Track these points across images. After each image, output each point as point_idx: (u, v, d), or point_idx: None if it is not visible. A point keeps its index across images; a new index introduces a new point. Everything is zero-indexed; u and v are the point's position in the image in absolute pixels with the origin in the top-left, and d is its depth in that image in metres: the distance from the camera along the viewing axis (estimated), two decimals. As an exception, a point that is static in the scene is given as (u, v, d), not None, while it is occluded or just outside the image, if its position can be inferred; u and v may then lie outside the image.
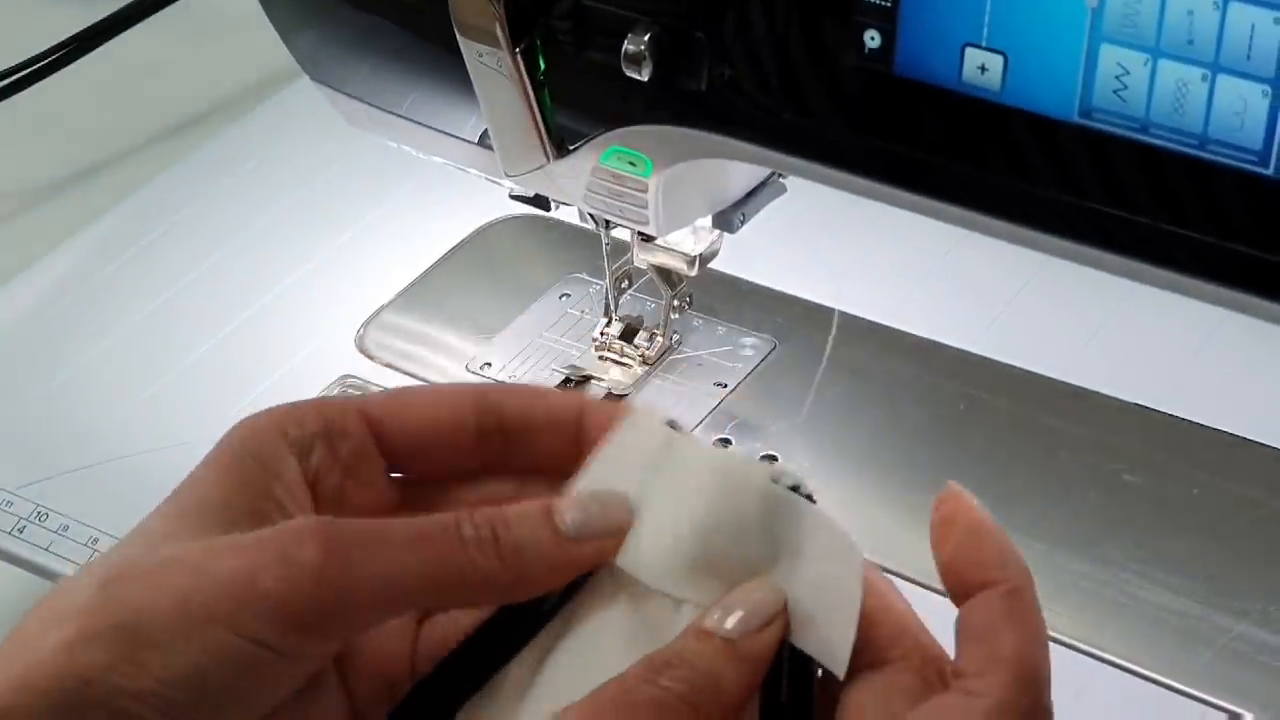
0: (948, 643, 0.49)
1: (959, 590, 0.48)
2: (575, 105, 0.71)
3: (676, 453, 0.49)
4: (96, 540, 0.80)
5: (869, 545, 0.75)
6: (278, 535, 0.46)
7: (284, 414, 0.50)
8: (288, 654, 0.46)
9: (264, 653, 0.45)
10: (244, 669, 0.45)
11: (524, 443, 0.51)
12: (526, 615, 0.49)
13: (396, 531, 0.47)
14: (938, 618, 0.72)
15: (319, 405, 0.50)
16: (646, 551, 0.49)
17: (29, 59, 1.13)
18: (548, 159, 0.73)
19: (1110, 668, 0.71)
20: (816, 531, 0.47)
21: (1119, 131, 0.57)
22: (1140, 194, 0.58)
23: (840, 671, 0.46)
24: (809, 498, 0.48)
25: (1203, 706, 0.69)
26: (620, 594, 0.49)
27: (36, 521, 0.82)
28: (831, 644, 0.46)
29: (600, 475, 0.50)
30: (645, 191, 0.73)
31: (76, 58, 1.14)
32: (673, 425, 0.50)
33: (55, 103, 1.16)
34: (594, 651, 0.48)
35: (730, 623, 0.47)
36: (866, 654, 0.47)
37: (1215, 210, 0.57)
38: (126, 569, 0.46)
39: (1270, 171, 0.55)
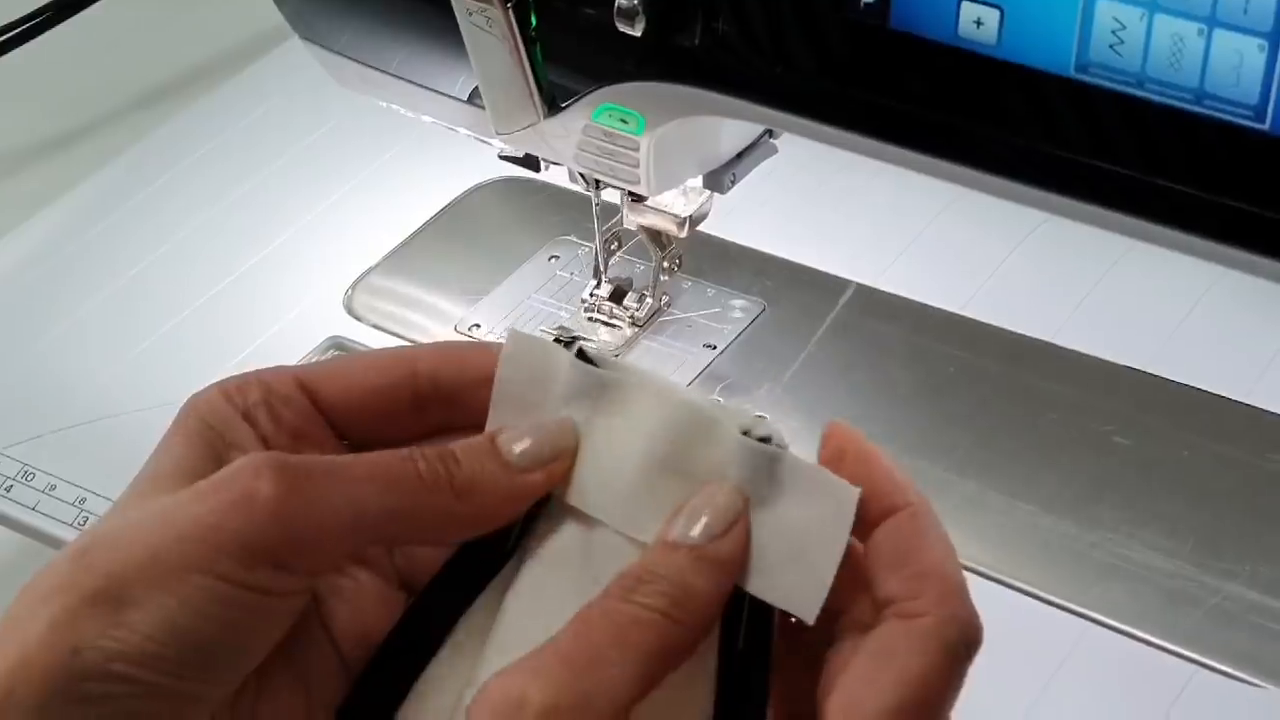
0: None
1: (861, 521, 0.47)
2: (567, 62, 0.71)
3: (623, 390, 0.49)
4: (84, 500, 0.80)
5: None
6: (235, 474, 0.46)
7: (229, 386, 0.50)
8: (261, 589, 0.46)
9: (240, 593, 0.45)
10: (226, 612, 0.45)
11: (461, 403, 0.51)
12: (483, 559, 0.50)
13: (353, 464, 0.47)
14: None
15: (257, 375, 0.50)
16: (607, 493, 0.48)
17: (13, 21, 1.12)
18: (539, 117, 0.73)
19: (1099, 628, 0.71)
20: (794, 479, 0.47)
21: (1115, 86, 0.57)
22: (1136, 149, 0.58)
23: (810, 618, 0.46)
24: (780, 447, 0.47)
25: (1192, 666, 0.69)
26: (578, 537, 0.49)
27: (24, 481, 0.82)
28: (803, 593, 0.46)
29: (509, 408, 0.50)
30: (636, 150, 0.73)
31: (61, 19, 1.13)
32: (573, 345, 0.50)
33: (39, 66, 1.16)
34: (556, 593, 0.48)
35: (695, 530, 0.46)
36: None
37: (1211, 166, 0.57)
38: (98, 537, 0.46)
39: (1266, 126, 0.55)
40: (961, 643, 0.45)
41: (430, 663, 0.49)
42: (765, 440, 0.47)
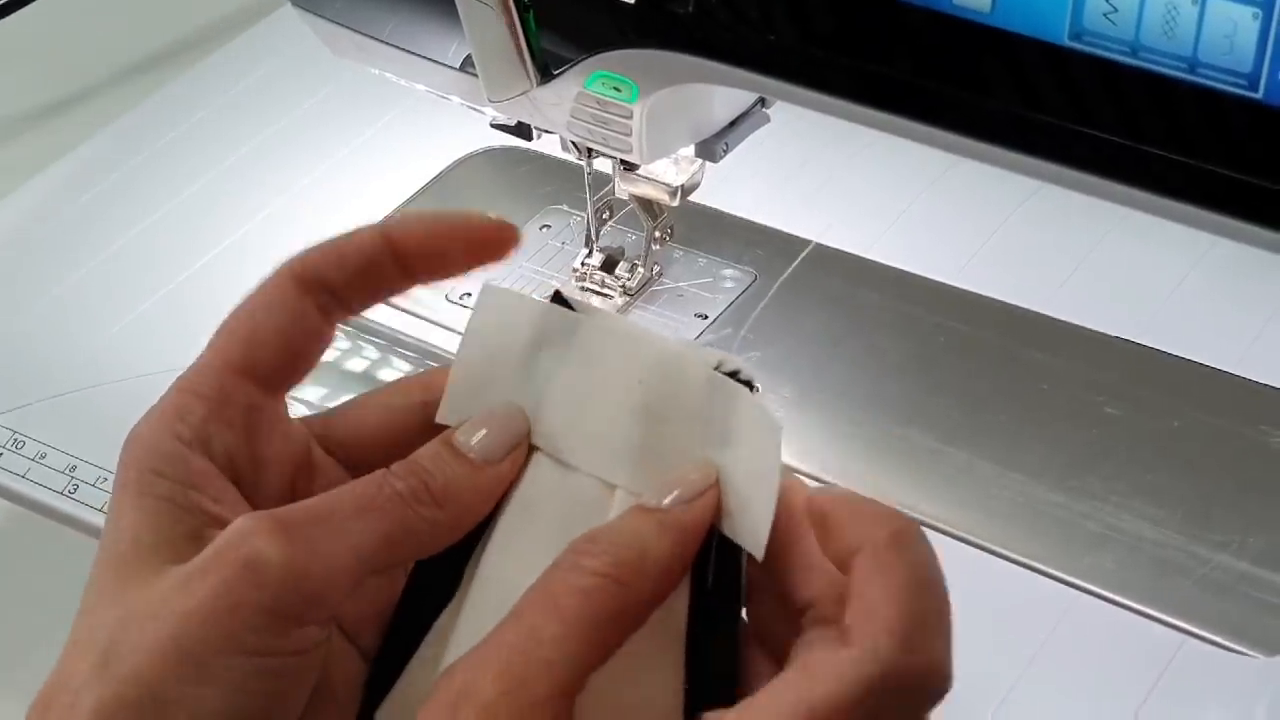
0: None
1: (839, 567, 0.46)
2: (560, 29, 0.71)
3: (595, 334, 0.49)
4: (74, 467, 0.80)
5: (846, 475, 0.76)
6: (234, 544, 0.45)
7: (167, 412, 0.49)
8: (291, 651, 0.45)
9: (272, 660, 0.45)
10: (262, 684, 0.45)
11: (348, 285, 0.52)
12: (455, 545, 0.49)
13: (338, 503, 0.47)
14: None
15: (190, 387, 0.49)
16: (579, 436, 0.49)
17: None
18: (531, 84, 0.73)
19: (1090, 597, 0.71)
20: (748, 417, 0.47)
21: (1109, 55, 0.57)
22: (1129, 117, 0.57)
23: (759, 554, 0.46)
24: (750, 384, 0.47)
25: (1181, 635, 0.70)
26: (550, 486, 0.49)
27: (13, 449, 0.82)
28: (752, 527, 0.46)
29: (478, 354, 0.50)
30: (629, 118, 0.73)
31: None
32: (555, 296, 0.49)
33: (31, 33, 1.15)
34: (525, 550, 0.49)
35: (666, 501, 0.46)
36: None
37: (1204, 134, 0.56)
38: (115, 644, 0.45)
39: (1259, 95, 0.55)
40: (889, 689, 0.43)
41: (420, 646, 0.49)
42: (734, 374, 0.47)
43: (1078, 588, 0.72)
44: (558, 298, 0.49)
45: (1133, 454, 0.77)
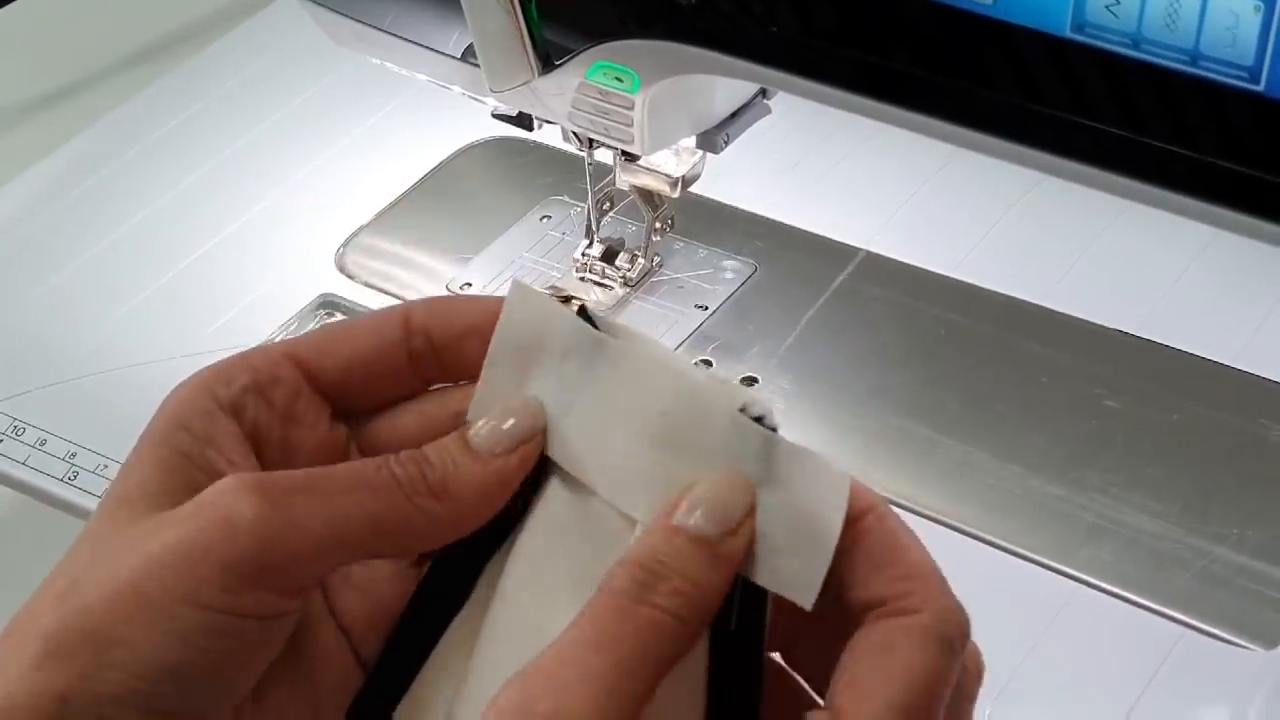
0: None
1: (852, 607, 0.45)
2: (562, 19, 0.71)
3: (621, 356, 0.48)
4: (74, 454, 0.80)
5: (846, 466, 0.76)
6: (212, 499, 0.45)
7: (212, 375, 0.48)
8: (250, 614, 0.45)
9: (227, 619, 0.44)
10: (214, 641, 0.44)
11: (456, 355, 0.50)
12: (485, 535, 0.48)
13: (330, 477, 0.46)
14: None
15: (245, 358, 0.49)
16: (597, 459, 0.48)
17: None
18: (533, 74, 0.73)
19: (1087, 589, 0.72)
20: (788, 462, 0.46)
21: (1111, 47, 0.57)
22: (1131, 110, 0.58)
23: (808, 604, 0.45)
24: (772, 429, 0.46)
25: (1180, 628, 0.70)
26: (574, 505, 0.48)
27: (14, 436, 0.82)
28: (800, 575, 0.45)
29: (506, 354, 0.49)
30: (631, 109, 0.73)
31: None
32: (581, 311, 0.48)
33: (33, 21, 1.15)
34: (554, 569, 0.48)
35: (710, 524, 0.45)
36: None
37: (1205, 127, 0.57)
38: (78, 575, 0.45)
39: (1261, 88, 0.55)
40: (957, 636, 0.44)
41: (432, 654, 0.49)
42: (759, 420, 0.46)
43: (1076, 580, 0.72)
44: (583, 313, 0.48)
45: (1132, 447, 0.77)
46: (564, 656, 0.43)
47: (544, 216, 0.91)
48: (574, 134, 0.79)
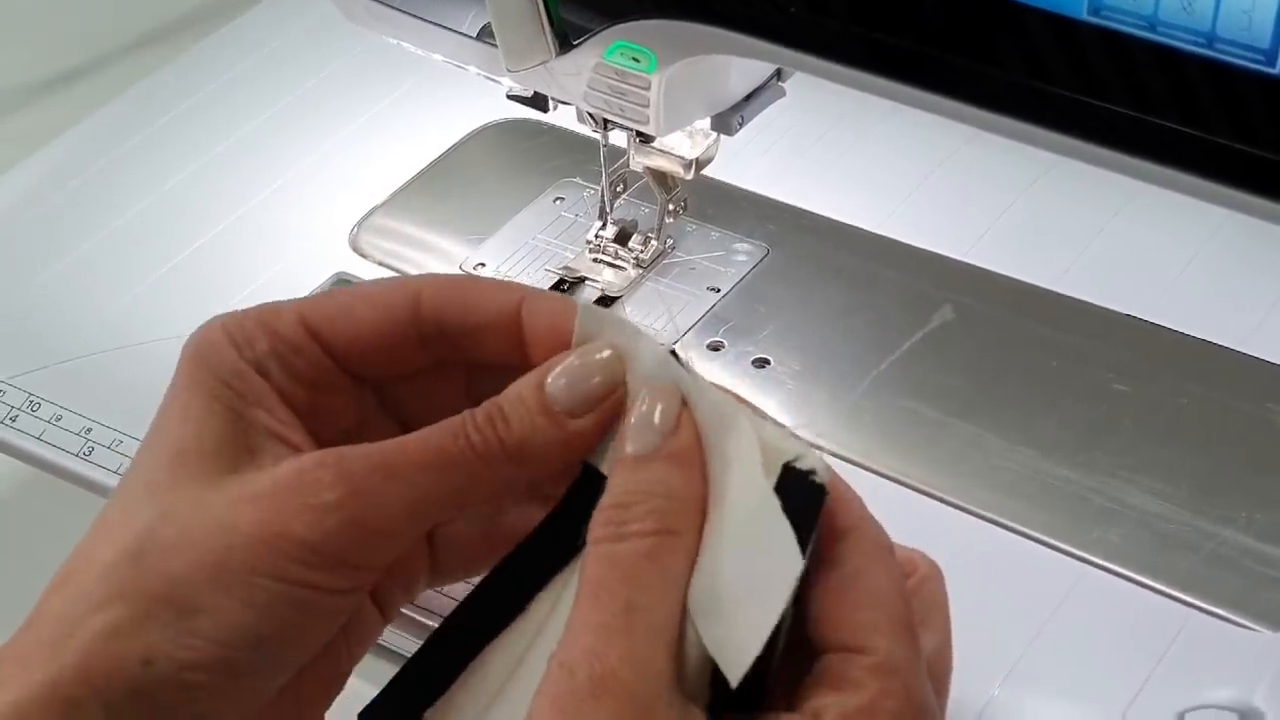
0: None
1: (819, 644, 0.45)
2: (581, -1, 0.71)
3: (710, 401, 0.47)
4: (89, 430, 0.81)
5: (855, 448, 0.77)
6: (295, 478, 0.46)
7: (235, 330, 0.49)
8: (328, 589, 0.46)
9: (307, 593, 0.46)
10: (291, 613, 0.46)
11: (466, 340, 0.50)
12: (542, 558, 0.48)
13: (408, 454, 0.47)
14: (922, 524, 0.73)
15: (259, 318, 0.49)
16: None
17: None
18: (550, 54, 0.73)
19: (1096, 570, 0.72)
20: (781, 536, 0.45)
21: (1126, 29, 0.57)
22: (1147, 92, 0.58)
23: (734, 680, 0.44)
24: (821, 488, 0.45)
25: (1187, 610, 0.70)
26: None
27: (29, 411, 0.82)
28: (735, 648, 0.44)
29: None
30: (647, 89, 0.73)
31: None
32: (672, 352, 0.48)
33: (47, 2, 1.15)
34: None
35: (653, 436, 0.46)
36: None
37: (1221, 109, 0.57)
38: (153, 539, 0.46)
39: (1276, 71, 0.55)
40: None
41: (475, 661, 0.48)
42: (810, 473, 0.45)
43: (1084, 561, 0.72)
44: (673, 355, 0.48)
45: (1140, 430, 0.77)
46: (597, 614, 0.44)
47: (557, 198, 0.92)
48: (589, 115, 0.80)
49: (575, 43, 0.72)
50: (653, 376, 0.47)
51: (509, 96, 0.82)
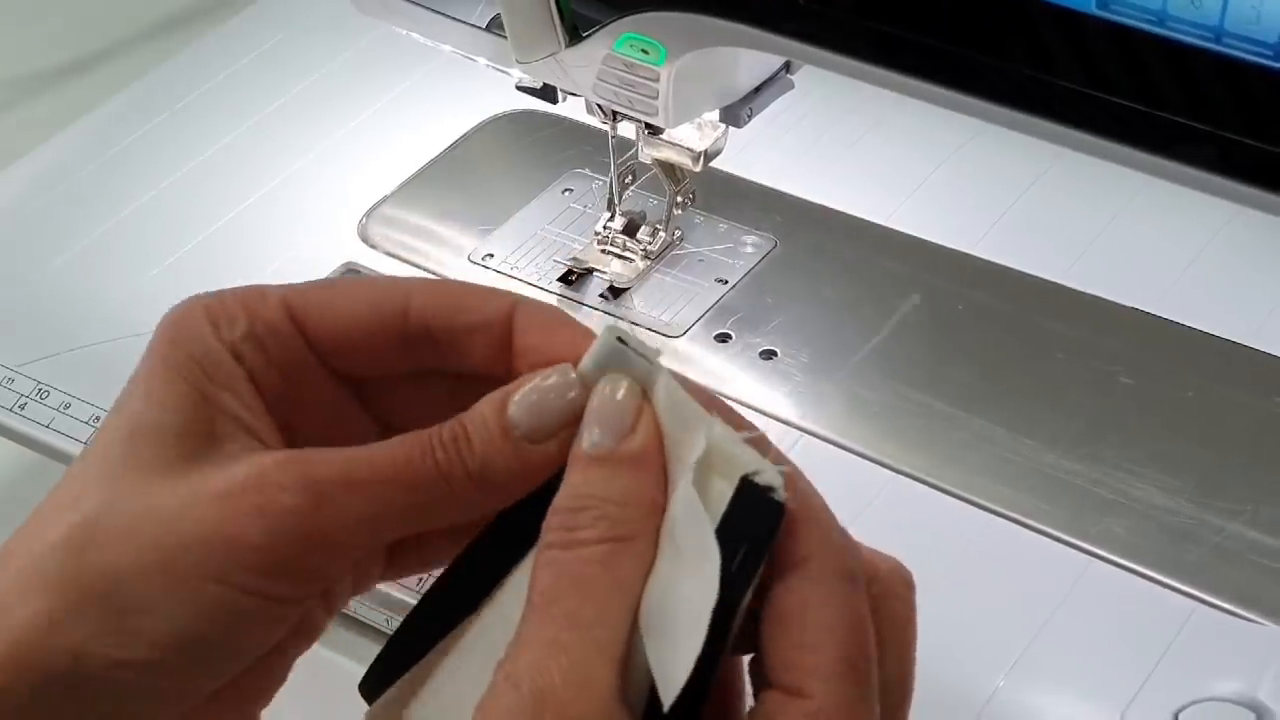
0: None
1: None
2: (591, -10, 0.72)
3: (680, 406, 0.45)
4: (98, 418, 0.81)
5: (862, 440, 0.77)
6: (254, 479, 0.44)
7: (215, 307, 0.47)
8: (277, 598, 0.44)
9: (253, 600, 0.44)
10: (235, 620, 0.44)
11: (454, 346, 0.48)
12: (518, 536, 0.46)
13: (375, 466, 0.45)
14: (928, 517, 0.74)
15: (244, 300, 0.47)
16: None
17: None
18: (560, 46, 0.74)
19: (1101, 563, 0.72)
20: (708, 557, 0.42)
21: (1136, 23, 0.58)
22: (1155, 86, 0.58)
23: (666, 701, 0.42)
24: (779, 506, 0.43)
25: (1192, 603, 0.70)
26: None
27: (38, 399, 0.83)
28: (670, 667, 0.42)
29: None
30: (656, 81, 0.73)
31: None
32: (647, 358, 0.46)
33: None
34: None
35: (605, 437, 0.44)
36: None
37: (1229, 104, 0.57)
38: (98, 529, 0.44)
39: (1284, 66, 0.56)
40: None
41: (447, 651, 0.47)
42: (768, 490, 0.43)
43: (1090, 554, 0.72)
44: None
45: (1146, 423, 0.77)
46: (542, 629, 0.42)
47: (565, 189, 0.92)
48: (598, 107, 0.80)
49: (585, 34, 0.73)
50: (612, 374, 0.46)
51: (518, 88, 0.82)
